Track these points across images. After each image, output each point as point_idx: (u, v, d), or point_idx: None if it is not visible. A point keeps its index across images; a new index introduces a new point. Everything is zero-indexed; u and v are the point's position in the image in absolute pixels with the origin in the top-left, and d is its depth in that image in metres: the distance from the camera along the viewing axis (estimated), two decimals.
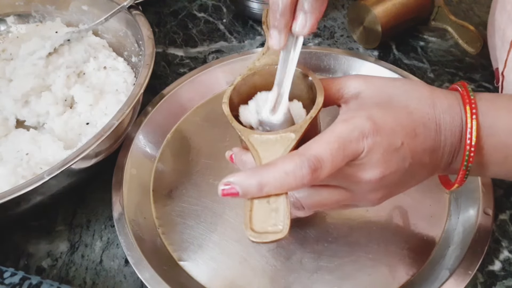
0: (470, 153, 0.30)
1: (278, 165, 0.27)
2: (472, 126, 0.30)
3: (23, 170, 0.44)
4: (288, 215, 0.26)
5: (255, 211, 0.27)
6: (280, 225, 0.26)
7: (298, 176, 0.27)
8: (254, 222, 0.26)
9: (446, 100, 0.31)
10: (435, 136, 0.30)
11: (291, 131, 0.30)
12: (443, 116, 0.30)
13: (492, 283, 0.39)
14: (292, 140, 0.29)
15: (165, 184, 0.46)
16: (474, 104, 0.30)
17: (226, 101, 0.33)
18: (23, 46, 0.55)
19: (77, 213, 0.46)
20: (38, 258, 0.43)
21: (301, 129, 0.30)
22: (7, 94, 0.51)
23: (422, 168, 0.31)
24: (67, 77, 0.51)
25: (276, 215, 0.26)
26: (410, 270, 0.39)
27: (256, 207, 0.27)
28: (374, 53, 0.60)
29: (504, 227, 0.43)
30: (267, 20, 0.39)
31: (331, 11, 0.68)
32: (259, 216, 0.27)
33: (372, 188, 0.31)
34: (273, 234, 0.26)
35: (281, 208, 0.27)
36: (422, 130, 0.30)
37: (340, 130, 0.28)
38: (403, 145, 0.29)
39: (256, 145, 0.30)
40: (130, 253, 0.39)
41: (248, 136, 0.30)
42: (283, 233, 0.26)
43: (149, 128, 0.49)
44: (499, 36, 0.44)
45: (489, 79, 0.56)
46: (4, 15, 0.61)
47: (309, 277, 0.39)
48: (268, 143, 0.30)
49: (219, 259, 0.40)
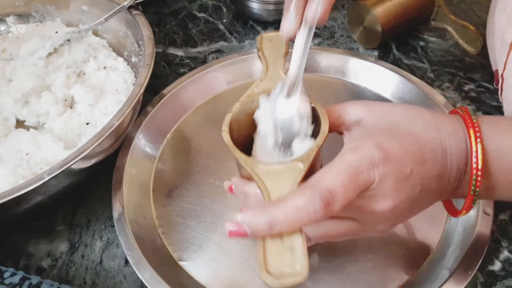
0: (477, 177, 0.30)
1: (289, 201, 0.26)
2: (477, 149, 0.29)
3: (23, 170, 0.44)
4: (305, 254, 0.25)
5: (268, 251, 0.25)
6: (298, 266, 0.24)
7: (311, 212, 0.25)
8: (269, 263, 0.25)
9: (450, 124, 0.30)
10: (442, 162, 0.30)
11: (298, 161, 0.29)
12: (449, 141, 0.30)
13: (492, 283, 0.39)
14: (300, 171, 0.28)
15: (165, 184, 0.46)
16: (478, 127, 0.30)
17: (226, 129, 0.32)
18: (23, 46, 0.55)
19: (77, 213, 0.46)
20: (38, 258, 0.43)
21: (309, 158, 0.29)
22: (7, 94, 0.51)
23: (429, 194, 0.31)
24: (67, 77, 0.51)
25: (292, 255, 0.25)
26: (410, 270, 0.39)
27: (270, 246, 0.25)
28: (374, 53, 0.60)
29: (504, 227, 0.43)
30: (262, 46, 0.39)
31: (331, 11, 0.68)
32: (274, 257, 0.25)
33: (383, 219, 0.30)
34: (291, 277, 0.24)
35: (296, 246, 0.25)
36: (430, 156, 0.29)
37: (350, 159, 0.27)
38: (413, 173, 0.28)
39: (262, 176, 0.28)
40: (130, 253, 0.39)
41: (253, 166, 0.29)
42: (302, 275, 0.24)
43: (149, 128, 0.49)
44: (498, 38, 0.44)
45: (489, 79, 0.56)
46: (4, 15, 0.61)
47: (309, 277, 0.39)
48: (275, 174, 0.28)
49: (219, 259, 0.40)
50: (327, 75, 0.55)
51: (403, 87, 0.52)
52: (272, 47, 0.39)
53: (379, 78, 0.53)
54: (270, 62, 0.37)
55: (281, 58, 0.37)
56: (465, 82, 0.56)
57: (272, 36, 0.40)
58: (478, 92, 0.55)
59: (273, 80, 0.35)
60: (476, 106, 0.53)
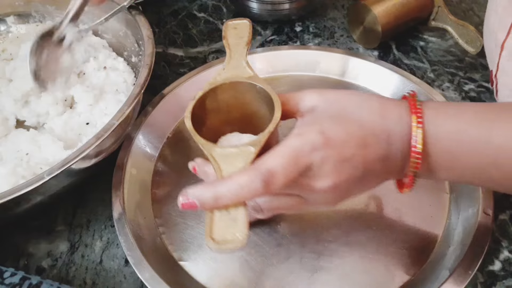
0: (416, 159, 0.32)
1: (233, 179, 0.29)
2: (417, 134, 0.31)
3: (23, 170, 0.44)
4: (247, 225, 0.28)
5: (215, 221, 0.28)
6: (239, 234, 0.27)
7: (252, 189, 0.29)
8: (214, 232, 0.28)
9: (397, 111, 0.33)
10: (386, 146, 0.32)
11: (250, 145, 0.32)
12: (393, 127, 0.32)
13: (492, 283, 0.39)
14: (251, 154, 0.31)
15: (165, 184, 0.46)
16: (420, 113, 0.32)
17: (188, 115, 0.34)
18: (23, 46, 0.55)
19: (77, 213, 0.46)
20: (38, 258, 0.43)
21: (260, 143, 0.32)
22: (7, 94, 0.51)
23: (375, 175, 0.33)
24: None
25: (235, 225, 0.28)
26: (410, 270, 0.39)
27: (217, 217, 0.28)
28: (374, 53, 0.60)
29: (504, 227, 0.43)
30: (227, 34, 0.40)
31: (331, 11, 0.68)
32: (219, 226, 0.28)
33: (325, 195, 0.33)
34: (231, 243, 0.27)
35: (239, 218, 0.28)
36: (373, 140, 0.32)
37: (293, 144, 0.30)
38: (354, 156, 0.31)
39: (217, 159, 0.31)
40: (130, 253, 0.39)
41: (210, 150, 0.32)
42: (241, 242, 0.27)
43: (149, 128, 0.49)
44: (492, 39, 0.45)
45: (489, 79, 0.56)
46: (4, 15, 0.61)
47: (309, 277, 0.39)
48: (229, 157, 0.31)
49: (219, 259, 0.40)
50: (327, 75, 0.55)
51: (403, 87, 0.52)
52: (236, 34, 0.40)
53: (379, 78, 0.53)
54: (233, 50, 0.39)
55: (243, 46, 0.39)
56: (465, 82, 0.56)
57: (236, 24, 0.41)
58: (478, 92, 0.55)
59: (235, 69, 0.37)
60: None
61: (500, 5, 0.44)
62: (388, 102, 0.33)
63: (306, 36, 0.64)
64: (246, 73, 0.37)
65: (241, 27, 0.41)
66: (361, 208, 0.43)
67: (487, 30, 0.48)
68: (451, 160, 0.32)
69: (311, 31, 0.65)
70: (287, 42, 0.63)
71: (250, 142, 0.32)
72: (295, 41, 0.63)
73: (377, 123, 0.32)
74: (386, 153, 0.32)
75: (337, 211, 0.42)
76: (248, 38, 0.39)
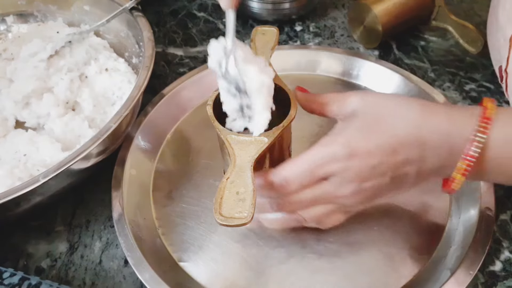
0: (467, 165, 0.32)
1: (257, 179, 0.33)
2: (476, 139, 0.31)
3: (20, 172, 0.44)
4: (253, 205, 0.31)
5: (225, 199, 0.31)
6: (245, 212, 0.30)
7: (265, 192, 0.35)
8: (223, 208, 0.31)
9: (437, 120, 0.33)
10: (420, 152, 0.32)
11: (264, 136, 0.35)
12: (430, 135, 0.32)
13: (493, 284, 0.39)
14: (264, 144, 0.34)
15: (165, 184, 0.46)
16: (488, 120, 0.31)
17: (211, 103, 0.38)
18: (24, 47, 0.55)
19: (76, 213, 0.46)
20: (38, 259, 0.42)
21: (274, 135, 0.35)
22: (8, 95, 0.51)
23: (407, 179, 0.34)
24: (70, 80, 0.51)
25: (243, 204, 0.31)
26: (411, 270, 0.39)
27: (227, 197, 0.31)
28: (375, 52, 0.60)
29: (505, 227, 0.42)
30: (255, 38, 0.44)
31: (332, 10, 0.68)
32: (228, 204, 0.31)
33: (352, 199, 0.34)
34: (238, 219, 0.30)
35: (248, 199, 0.31)
36: (404, 149, 0.32)
37: (314, 154, 0.33)
38: (381, 163, 0.32)
39: (232, 144, 0.35)
40: (130, 254, 0.39)
41: (226, 135, 0.35)
42: (247, 219, 0.30)
43: (149, 128, 0.49)
44: (501, 34, 0.45)
45: (490, 78, 0.56)
46: (6, 15, 0.60)
47: (310, 277, 0.39)
48: (244, 144, 0.35)
49: (219, 260, 0.40)
50: (327, 75, 0.55)
51: (404, 86, 0.52)
52: (264, 39, 0.44)
53: (380, 77, 0.53)
54: (259, 52, 0.42)
55: (269, 50, 0.42)
56: (466, 81, 0.56)
57: (265, 30, 0.44)
58: (478, 92, 0.55)
59: None
60: None
61: (508, 1, 0.44)
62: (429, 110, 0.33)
63: (307, 35, 0.64)
64: None
65: (269, 33, 0.44)
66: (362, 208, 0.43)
67: (493, 26, 0.48)
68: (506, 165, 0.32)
69: (311, 30, 0.65)
70: (287, 41, 0.63)
71: (264, 133, 0.35)
72: (295, 41, 0.63)
73: (410, 133, 0.32)
74: (419, 159, 0.33)
75: None
76: (274, 44, 0.43)
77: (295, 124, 0.37)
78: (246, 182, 0.32)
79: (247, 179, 0.32)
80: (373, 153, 0.32)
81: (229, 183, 0.32)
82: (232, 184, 0.32)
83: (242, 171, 0.33)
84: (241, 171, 0.33)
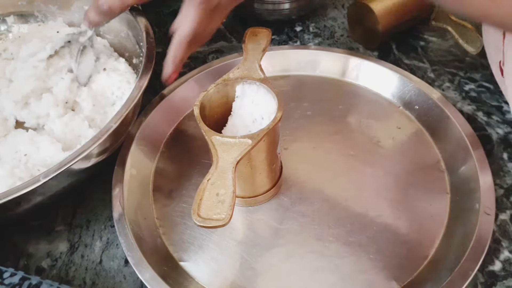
0: None
1: None
2: None
3: (20, 172, 0.44)
4: (232, 208, 0.31)
5: (204, 200, 0.31)
6: (223, 214, 0.30)
7: None
8: (202, 210, 0.31)
9: None
10: None
11: (248, 138, 0.35)
12: None
13: (493, 283, 0.39)
14: (248, 146, 0.34)
15: (166, 184, 0.46)
16: None
17: (198, 103, 0.38)
18: (23, 47, 0.54)
19: (76, 213, 0.46)
20: (38, 258, 0.42)
21: (258, 137, 0.35)
22: (7, 95, 0.51)
23: None
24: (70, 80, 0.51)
25: (222, 206, 0.31)
26: (411, 270, 0.39)
27: (206, 197, 0.31)
28: (374, 53, 0.60)
29: (504, 227, 0.42)
30: (247, 39, 0.45)
31: (331, 11, 0.68)
32: (207, 205, 0.31)
33: None
34: (216, 221, 0.30)
35: (227, 200, 0.31)
36: None
37: None
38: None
39: (216, 145, 0.35)
40: (130, 254, 0.39)
41: (211, 136, 0.36)
42: (224, 220, 0.30)
43: (149, 128, 0.49)
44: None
45: (489, 79, 0.56)
46: (6, 15, 0.60)
47: (310, 277, 0.39)
48: (227, 145, 0.35)
49: (219, 260, 0.40)
50: (327, 75, 0.55)
51: (403, 87, 0.52)
52: (255, 41, 0.44)
53: (379, 78, 0.53)
54: (249, 54, 0.43)
55: (259, 52, 0.43)
56: (465, 82, 0.56)
57: (258, 31, 0.45)
58: (478, 92, 0.55)
59: (248, 70, 0.41)
60: (476, 106, 0.53)
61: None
62: None
63: (306, 36, 0.64)
64: (257, 75, 0.41)
65: (262, 34, 0.45)
66: (361, 208, 0.43)
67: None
68: None
69: (311, 31, 0.65)
70: (287, 42, 0.63)
71: (249, 135, 0.35)
72: (295, 41, 0.63)
73: None
74: None
75: (338, 211, 0.42)
76: (266, 45, 0.44)
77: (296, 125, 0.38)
78: (227, 183, 0.32)
79: (228, 180, 0.32)
80: None
81: (210, 184, 0.32)
82: (213, 185, 0.32)
83: (224, 173, 0.33)
84: (222, 173, 0.33)
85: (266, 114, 0.39)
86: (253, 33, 0.45)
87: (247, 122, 0.40)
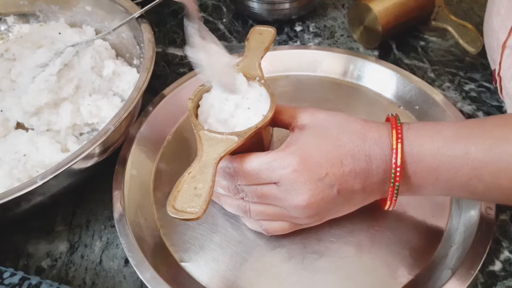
0: (396, 172, 0.34)
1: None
2: (397, 148, 0.34)
3: (19, 173, 0.43)
4: (207, 203, 0.31)
5: (182, 192, 0.31)
6: (198, 208, 0.30)
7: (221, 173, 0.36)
8: (177, 202, 0.31)
9: (378, 133, 0.35)
10: (366, 165, 0.34)
11: (235, 135, 0.35)
12: (373, 147, 0.35)
13: (493, 283, 0.39)
14: (234, 142, 0.34)
15: (166, 184, 0.46)
16: (400, 130, 0.34)
17: (193, 97, 0.38)
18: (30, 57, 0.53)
19: (76, 213, 0.46)
20: (38, 258, 0.42)
21: (245, 135, 0.35)
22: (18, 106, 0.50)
23: (355, 193, 0.36)
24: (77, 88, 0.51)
25: (198, 199, 0.31)
26: (412, 270, 0.39)
27: (185, 190, 0.31)
28: (375, 53, 0.60)
29: (504, 227, 0.43)
30: (251, 36, 0.44)
31: (332, 10, 0.68)
32: (183, 198, 0.31)
33: (304, 211, 0.35)
34: (189, 214, 0.30)
35: (203, 195, 0.31)
36: (351, 161, 0.34)
37: (267, 158, 0.35)
38: (328, 175, 0.34)
39: (203, 140, 0.35)
40: (131, 254, 0.39)
41: (199, 131, 0.35)
42: (197, 214, 0.30)
43: (149, 128, 0.49)
44: (494, 39, 0.46)
45: (489, 78, 0.56)
46: (7, 14, 0.60)
47: (311, 277, 0.39)
48: (214, 140, 0.35)
49: (220, 260, 0.40)
50: (327, 75, 0.55)
51: (404, 87, 0.52)
52: (259, 39, 0.44)
53: (380, 78, 0.53)
54: (251, 51, 0.42)
55: (261, 50, 0.42)
56: (465, 82, 0.56)
57: (262, 30, 0.45)
58: (478, 92, 0.55)
59: (247, 68, 0.41)
60: (476, 106, 0.53)
61: (502, 6, 0.44)
62: (370, 125, 0.36)
63: (306, 35, 0.64)
64: (255, 73, 0.40)
65: (266, 33, 0.44)
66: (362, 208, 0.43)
67: (488, 30, 0.48)
68: (435, 176, 0.34)
69: (311, 30, 0.65)
70: (287, 42, 0.63)
71: (236, 132, 0.35)
72: (295, 41, 0.63)
73: (356, 145, 0.35)
74: (366, 172, 0.34)
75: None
76: (269, 44, 0.43)
77: None
78: (206, 178, 0.32)
79: (208, 175, 0.32)
80: (320, 163, 0.34)
81: (190, 178, 0.32)
82: (193, 179, 0.32)
83: (206, 167, 0.33)
84: (204, 167, 0.33)
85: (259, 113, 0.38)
86: (258, 31, 0.45)
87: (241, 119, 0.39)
